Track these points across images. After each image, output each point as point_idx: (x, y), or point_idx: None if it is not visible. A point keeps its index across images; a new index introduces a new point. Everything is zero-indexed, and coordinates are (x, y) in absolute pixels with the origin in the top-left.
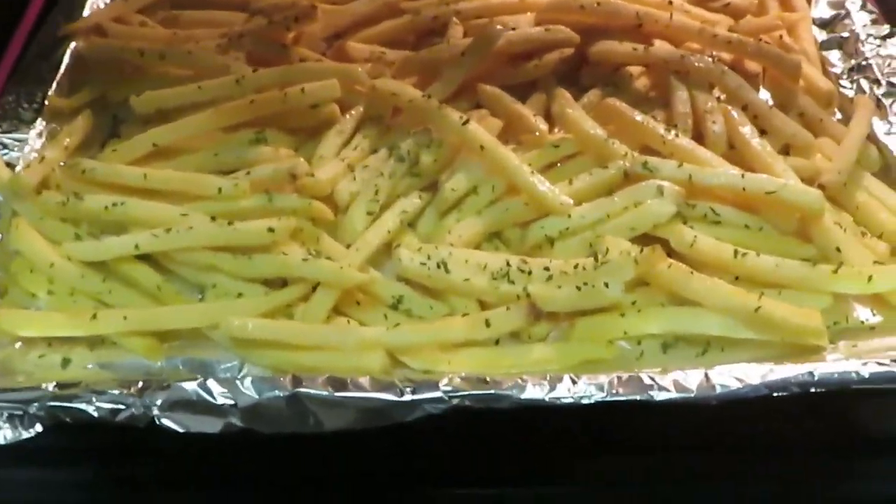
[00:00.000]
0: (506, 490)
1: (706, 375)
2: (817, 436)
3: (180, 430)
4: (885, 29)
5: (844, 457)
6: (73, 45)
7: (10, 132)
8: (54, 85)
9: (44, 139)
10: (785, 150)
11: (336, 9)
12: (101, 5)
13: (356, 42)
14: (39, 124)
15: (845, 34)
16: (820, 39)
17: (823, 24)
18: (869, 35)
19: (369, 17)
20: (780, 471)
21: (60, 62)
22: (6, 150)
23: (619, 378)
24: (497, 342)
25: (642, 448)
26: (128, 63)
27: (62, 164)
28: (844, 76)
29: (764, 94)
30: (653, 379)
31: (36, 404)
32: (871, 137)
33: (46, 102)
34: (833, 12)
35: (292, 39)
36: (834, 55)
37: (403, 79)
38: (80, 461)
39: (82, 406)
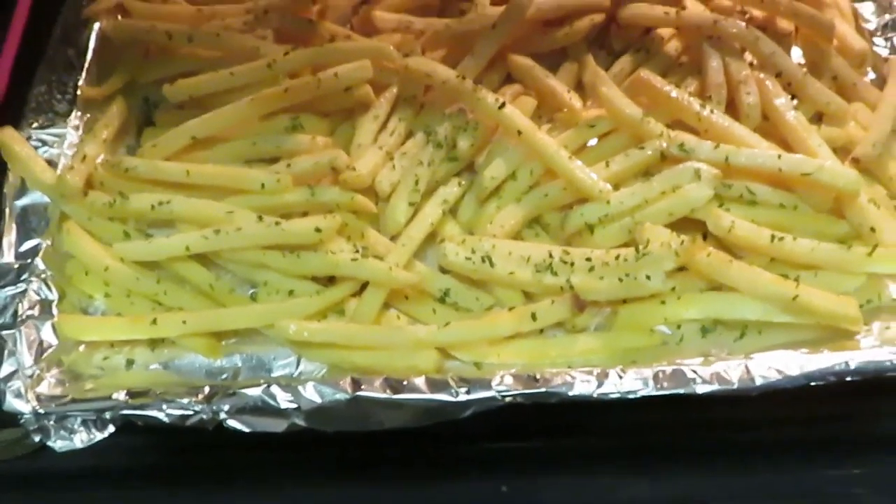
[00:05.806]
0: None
1: (746, 367)
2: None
3: (246, 430)
4: None
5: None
6: (97, 26)
7: (46, 127)
8: (84, 73)
9: (80, 132)
10: (818, 115)
11: None
12: None
13: (382, 10)
14: (75, 116)
15: None
16: None
17: None
18: None
19: None
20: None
21: (87, 46)
22: (46, 147)
23: (662, 372)
24: (541, 331)
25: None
26: (154, 44)
27: (104, 160)
28: (878, 32)
29: (794, 52)
30: (695, 372)
31: (109, 413)
32: None
33: (79, 92)
34: None
35: (318, 13)
36: (867, 8)
37: (433, 51)
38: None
39: (153, 413)
